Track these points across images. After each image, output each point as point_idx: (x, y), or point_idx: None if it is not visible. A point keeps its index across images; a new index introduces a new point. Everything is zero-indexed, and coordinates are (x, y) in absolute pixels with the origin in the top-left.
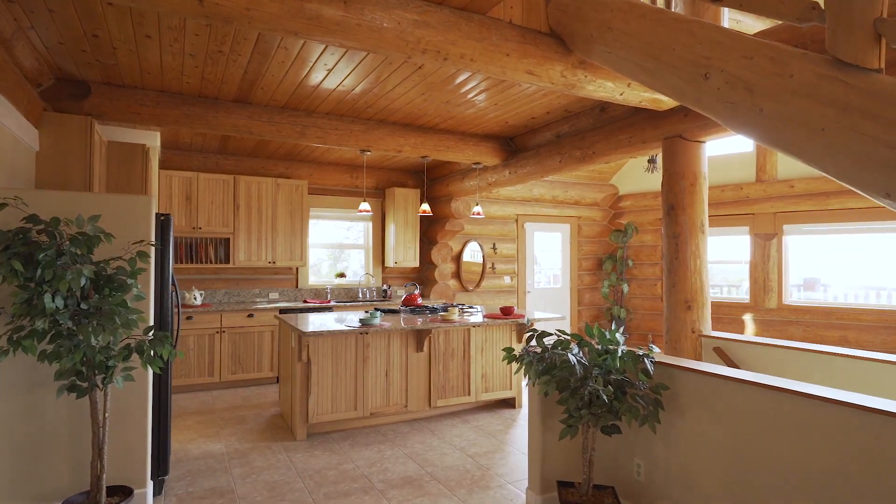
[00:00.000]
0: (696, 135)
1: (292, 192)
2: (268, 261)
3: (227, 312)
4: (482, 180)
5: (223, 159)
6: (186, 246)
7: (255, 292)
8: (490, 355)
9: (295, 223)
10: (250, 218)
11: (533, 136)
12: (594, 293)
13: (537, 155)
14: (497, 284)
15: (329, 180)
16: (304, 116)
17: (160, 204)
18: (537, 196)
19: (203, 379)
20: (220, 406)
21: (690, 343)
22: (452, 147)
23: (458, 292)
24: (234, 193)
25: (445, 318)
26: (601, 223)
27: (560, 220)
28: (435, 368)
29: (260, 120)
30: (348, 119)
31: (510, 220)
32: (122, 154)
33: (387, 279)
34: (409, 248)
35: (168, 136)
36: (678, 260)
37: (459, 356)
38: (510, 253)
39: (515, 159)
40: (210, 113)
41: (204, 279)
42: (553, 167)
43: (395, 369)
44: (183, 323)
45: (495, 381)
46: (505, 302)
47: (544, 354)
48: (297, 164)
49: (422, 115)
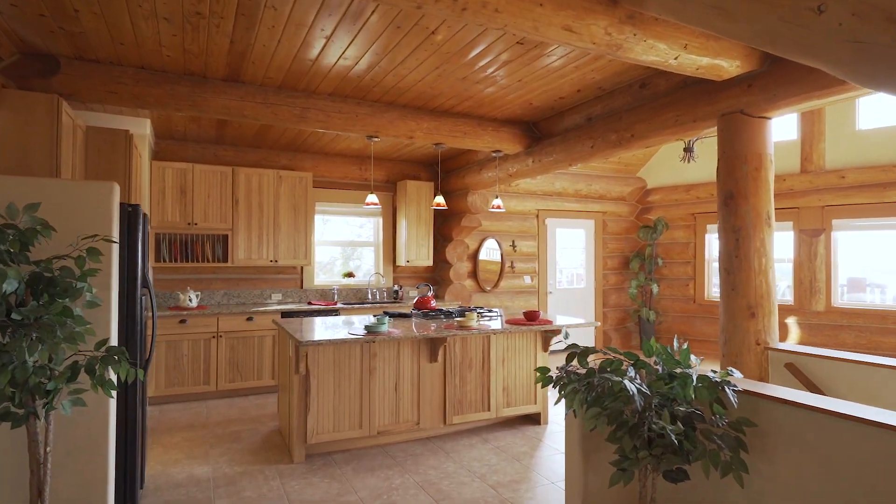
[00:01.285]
0: (762, 109)
1: (295, 185)
2: (269, 259)
3: (224, 315)
4: (502, 171)
5: (221, 150)
6: (181, 243)
7: (257, 293)
8: (513, 366)
9: (299, 219)
10: (250, 213)
11: (560, 120)
12: (620, 294)
13: (565, 141)
14: (516, 285)
15: (336, 172)
16: (304, 97)
17: (151, 197)
18: (559, 190)
19: (198, 388)
20: (213, 419)
21: (755, 357)
22: (469, 133)
23: (475, 293)
24: (233, 186)
25: (462, 325)
26: (628, 219)
27: (584, 216)
28: (451, 381)
29: (254, 101)
30: (353, 101)
31: (530, 216)
32: (103, 140)
33: (398, 279)
34: (423, 246)
35: (161, 125)
36: (739, 258)
37: (478, 367)
38: (530, 251)
39: (539, 146)
40: (197, 93)
41: (201, 279)
42: (583, 154)
43: (405, 382)
44: (176, 327)
45: (518, 395)
46: (525, 304)
47: (591, 379)
48: (301, 155)
49: (435, 95)
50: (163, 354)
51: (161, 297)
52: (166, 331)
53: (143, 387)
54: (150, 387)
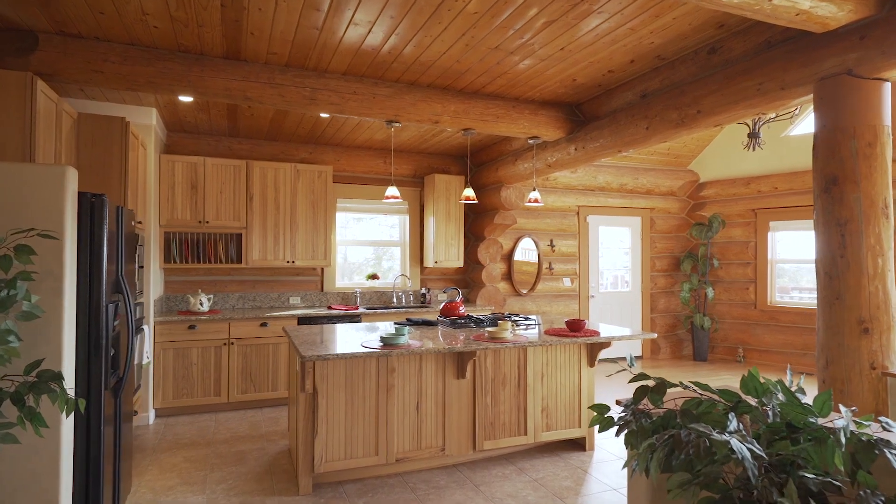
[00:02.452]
0: (877, 68)
1: (314, 179)
2: (286, 260)
3: (236, 321)
4: (540, 161)
5: (236, 143)
6: (192, 243)
7: (274, 296)
8: (553, 383)
9: (318, 216)
10: (265, 210)
11: (608, 100)
12: (670, 298)
13: (614, 123)
14: (555, 287)
15: (359, 167)
16: (315, 77)
17: (160, 194)
18: (602, 184)
19: (208, 399)
20: (220, 436)
21: (868, 384)
22: (503, 117)
23: (510, 297)
24: (247, 181)
25: (494, 336)
26: (678, 216)
27: (629, 213)
28: (481, 400)
29: (258, 81)
30: (370, 80)
31: (570, 213)
32: (96, 129)
33: (426, 281)
34: (452, 246)
35: (170, 115)
36: (845, 259)
37: (513, 384)
38: (570, 251)
39: (583, 131)
40: (194, 72)
41: (216, 281)
42: (636, 137)
43: (428, 401)
44: (185, 333)
45: (559, 417)
46: (565, 308)
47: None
48: (321, 148)
49: (463, 71)
50: (171, 363)
51: (173, 301)
52: (175, 337)
53: (118, 408)
54: (156, 398)
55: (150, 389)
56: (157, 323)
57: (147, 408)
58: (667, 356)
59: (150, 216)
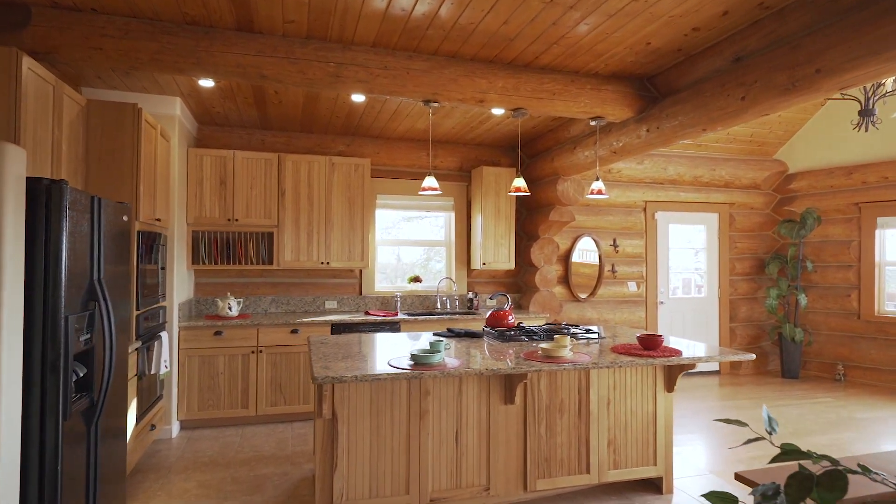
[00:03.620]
0: None
1: (350, 173)
2: (320, 261)
3: (264, 327)
4: (603, 147)
5: (270, 136)
6: (222, 243)
7: (309, 300)
8: (622, 410)
9: (354, 213)
10: (298, 207)
11: (689, 68)
12: (753, 305)
13: (698, 95)
14: (618, 293)
15: (399, 159)
16: (339, 50)
17: (188, 190)
18: (673, 176)
19: (235, 412)
20: (242, 455)
21: None
22: (560, 93)
23: (567, 302)
24: (279, 176)
25: (549, 354)
26: (762, 212)
27: (704, 208)
28: (533, 430)
29: (275, 56)
30: (403, 53)
31: (636, 209)
32: (106, 116)
33: (473, 285)
34: (502, 245)
35: (197, 106)
36: None
37: (572, 412)
38: (636, 251)
39: (657, 108)
40: (202, 47)
41: (248, 283)
42: (727, 112)
43: (469, 431)
44: (211, 340)
45: (629, 452)
46: (630, 315)
47: None
48: (359, 140)
49: (511, 37)
50: (196, 372)
51: (203, 305)
52: (200, 344)
53: (93, 435)
54: (180, 409)
55: (174, 400)
56: (181, 329)
57: (170, 419)
58: (749, 371)
59: (173, 213)
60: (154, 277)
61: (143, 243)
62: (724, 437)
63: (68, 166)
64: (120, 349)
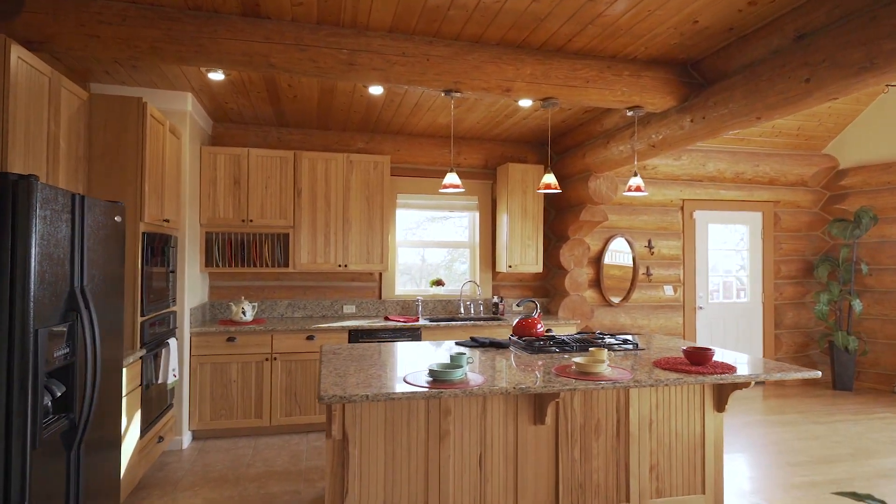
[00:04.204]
0: None
1: (369, 171)
2: (337, 264)
3: (279, 333)
4: (642, 140)
5: (286, 133)
6: (236, 244)
7: (326, 304)
8: (665, 432)
9: (373, 213)
10: (315, 207)
11: (742, 49)
12: (800, 311)
13: (751, 79)
14: (654, 297)
15: (421, 157)
16: (353, 36)
17: (201, 189)
18: (713, 173)
19: (248, 422)
20: (254, 469)
21: None
22: (594, 80)
23: (598, 307)
24: (295, 174)
25: (584, 370)
26: (810, 210)
27: (747, 207)
28: (566, 454)
29: (283, 42)
30: (423, 38)
31: (672, 208)
32: (109, 111)
33: (498, 289)
34: (529, 247)
35: (210, 102)
36: None
37: (609, 433)
38: (672, 253)
39: (703, 96)
40: (205, 33)
41: (264, 286)
42: (788, 96)
43: (495, 454)
44: (223, 346)
45: (674, 478)
46: (666, 322)
47: None
48: (378, 136)
49: (542, 16)
50: (208, 380)
51: (217, 309)
52: (213, 350)
53: (74, 461)
54: (192, 420)
55: (186, 409)
56: (193, 334)
57: (181, 430)
58: (796, 382)
59: (184, 214)
60: (163, 281)
61: (149, 246)
62: (773, 457)
63: (67, 164)
64: (110, 361)
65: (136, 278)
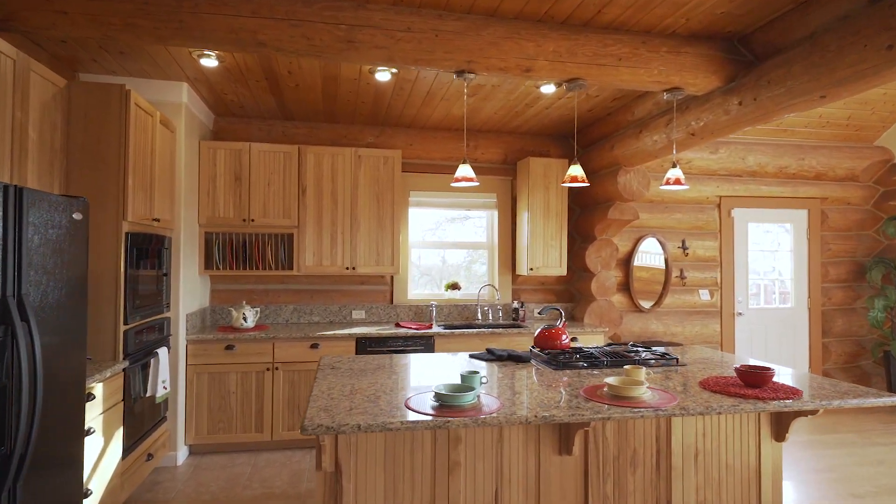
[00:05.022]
0: None
1: (379, 166)
2: (344, 266)
3: (281, 341)
4: (680, 128)
5: (291, 127)
6: (237, 245)
7: (334, 310)
8: (714, 463)
9: (383, 212)
10: (321, 205)
11: (803, 18)
12: (851, 318)
13: (814, 51)
14: (688, 302)
15: (435, 151)
16: (352, 9)
17: (200, 187)
18: (753, 167)
19: (248, 436)
20: (250, 491)
21: None
22: (627, 58)
23: (627, 312)
24: (299, 171)
25: (620, 394)
26: (861, 208)
27: (791, 204)
28: (597, 489)
29: (272, 17)
30: (431, 11)
31: (708, 205)
32: (89, 100)
33: (518, 293)
34: (552, 248)
35: (208, 92)
36: None
37: (648, 466)
38: (708, 254)
39: (754, 74)
40: (185, 7)
41: (268, 290)
42: (862, 70)
43: (513, 489)
44: (221, 355)
45: None
46: (701, 329)
47: None
48: (389, 130)
49: None
50: (205, 391)
51: (218, 314)
52: (210, 360)
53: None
54: (188, 433)
55: (181, 422)
56: (189, 342)
57: (176, 445)
58: None
59: (179, 213)
60: (153, 285)
61: (134, 247)
62: (832, 486)
63: (40, 157)
64: (67, 376)
65: (119, 283)
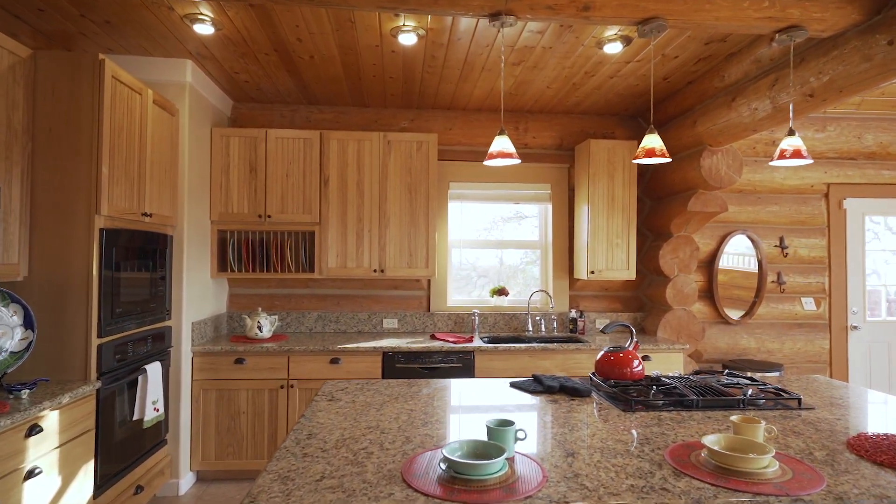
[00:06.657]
0: None
1: (412, 153)
2: (371, 268)
3: (297, 354)
4: (795, 86)
5: (316, 112)
6: (253, 245)
7: (363, 318)
8: None
9: (417, 205)
10: (345, 198)
11: None
12: None
13: None
14: (787, 312)
15: (478, 136)
16: None
17: (212, 179)
18: (871, 148)
19: (259, 462)
20: None
21: None
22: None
23: (711, 324)
24: (321, 160)
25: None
26: None
27: None
28: None
29: None
30: None
31: (813, 195)
32: (60, 72)
33: (577, 300)
34: (618, 247)
35: (217, 71)
36: None
37: None
38: (813, 254)
39: None
40: None
41: (291, 294)
42: None
43: None
44: (231, 370)
45: None
46: (806, 346)
47: None
48: (426, 113)
49: None
50: (213, 410)
51: (235, 321)
52: (219, 374)
53: None
54: (194, 458)
55: (185, 445)
56: (195, 354)
57: (178, 472)
58: None
59: (183, 208)
60: (144, 290)
61: (113, 246)
62: None
63: None
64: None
65: (90, 288)
